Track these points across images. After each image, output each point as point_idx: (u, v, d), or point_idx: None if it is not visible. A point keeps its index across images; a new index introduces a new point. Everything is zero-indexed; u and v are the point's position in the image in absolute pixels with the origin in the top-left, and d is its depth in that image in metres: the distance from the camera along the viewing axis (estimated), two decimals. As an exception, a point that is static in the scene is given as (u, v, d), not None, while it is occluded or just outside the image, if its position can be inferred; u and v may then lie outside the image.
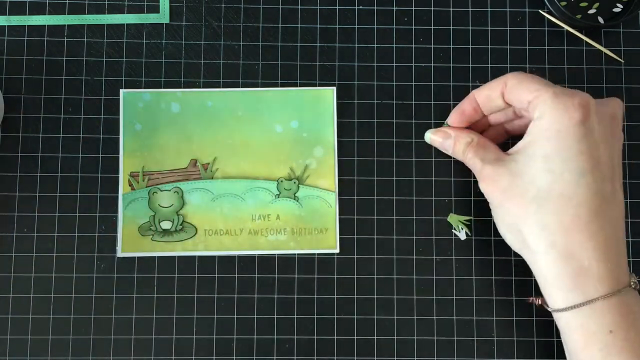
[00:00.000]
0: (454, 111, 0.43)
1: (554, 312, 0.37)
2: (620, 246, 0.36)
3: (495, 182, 0.38)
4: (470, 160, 0.41)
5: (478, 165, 0.40)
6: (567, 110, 0.36)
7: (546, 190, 0.36)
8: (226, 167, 0.44)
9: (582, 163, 0.36)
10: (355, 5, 0.46)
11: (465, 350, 0.43)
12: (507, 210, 0.38)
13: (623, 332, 0.34)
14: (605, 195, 0.36)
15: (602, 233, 0.36)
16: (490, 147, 0.40)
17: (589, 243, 0.35)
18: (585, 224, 0.35)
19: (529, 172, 0.37)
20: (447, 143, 0.42)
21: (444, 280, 0.44)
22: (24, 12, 0.45)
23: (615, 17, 0.46)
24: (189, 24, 0.46)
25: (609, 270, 0.35)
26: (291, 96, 0.45)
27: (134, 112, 0.44)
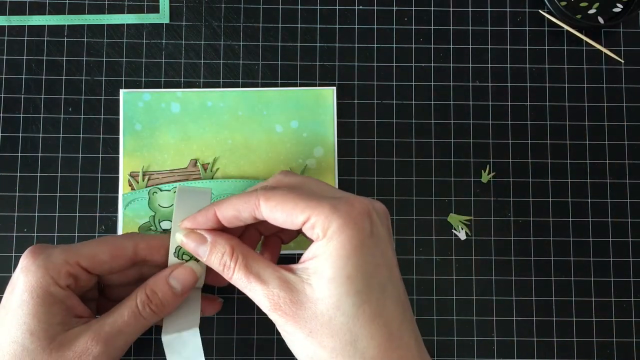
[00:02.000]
0: (188, 220, 0.35)
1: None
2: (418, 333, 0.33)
3: (293, 313, 0.31)
4: (241, 281, 0.32)
5: (258, 290, 0.32)
6: (357, 224, 0.31)
7: (355, 315, 0.30)
8: (226, 167, 0.44)
9: (383, 275, 0.31)
10: (355, 5, 0.46)
11: (465, 350, 0.43)
12: (307, 342, 0.31)
13: None
14: (403, 296, 0.32)
15: (414, 334, 0.32)
16: (261, 260, 0.33)
17: (408, 353, 0.31)
18: (399, 337, 0.31)
19: (331, 297, 0.30)
20: (202, 250, 0.34)
21: (444, 280, 0.44)
22: (24, 12, 0.45)
23: (615, 17, 0.46)
24: (189, 24, 0.46)
25: None
26: (291, 96, 0.45)
27: (134, 112, 0.44)
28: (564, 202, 0.44)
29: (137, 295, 0.35)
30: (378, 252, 0.32)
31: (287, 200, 0.32)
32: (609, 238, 0.44)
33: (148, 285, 0.35)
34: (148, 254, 0.36)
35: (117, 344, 0.34)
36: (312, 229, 0.31)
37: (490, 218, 0.44)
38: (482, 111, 0.45)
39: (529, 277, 0.44)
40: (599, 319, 0.43)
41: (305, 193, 0.33)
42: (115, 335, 0.34)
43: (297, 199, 0.32)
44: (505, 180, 0.45)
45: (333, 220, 0.31)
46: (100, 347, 0.33)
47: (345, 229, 0.31)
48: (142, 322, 0.35)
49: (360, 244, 0.31)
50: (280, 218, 0.32)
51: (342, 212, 0.31)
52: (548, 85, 0.45)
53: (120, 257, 0.35)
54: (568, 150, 0.45)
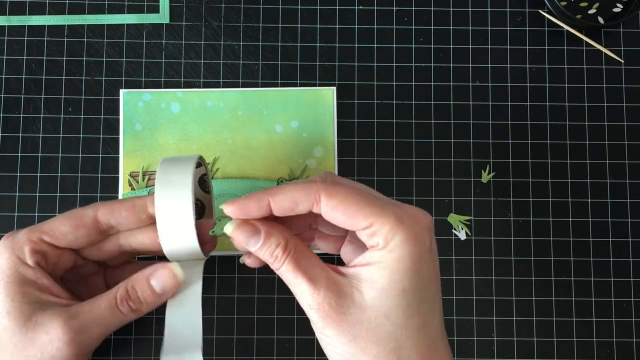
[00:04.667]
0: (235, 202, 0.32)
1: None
2: None
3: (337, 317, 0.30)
4: (289, 274, 0.31)
5: (304, 287, 0.31)
6: (419, 239, 0.30)
7: (402, 325, 0.30)
8: (226, 167, 0.44)
9: (433, 289, 0.32)
10: (355, 5, 0.46)
11: (465, 350, 0.43)
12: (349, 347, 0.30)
13: None
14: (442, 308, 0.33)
15: (448, 346, 0.33)
16: (312, 257, 0.32)
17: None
18: (438, 349, 0.32)
19: (381, 306, 0.30)
20: (253, 241, 0.32)
21: (444, 280, 0.44)
22: (24, 12, 0.45)
23: (615, 17, 0.46)
24: (189, 24, 0.46)
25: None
26: (291, 96, 0.45)
27: (134, 112, 0.44)
28: (564, 202, 0.44)
29: (118, 289, 0.34)
30: (432, 266, 0.32)
31: (350, 201, 0.31)
32: (609, 238, 0.44)
33: (130, 281, 0.35)
34: (111, 218, 0.35)
35: (91, 334, 0.34)
36: (372, 236, 0.31)
37: (490, 218, 0.44)
38: (482, 111, 0.45)
39: (529, 277, 0.44)
40: (599, 319, 0.43)
41: (368, 197, 0.31)
42: (89, 325, 0.33)
43: (362, 202, 0.31)
44: (505, 180, 0.45)
45: (397, 232, 0.30)
46: (71, 334, 0.33)
47: (408, 244, 0.30)
48: (119, 316, 0.34)
49: (419, 260, 0.30)
50: (340, 218, 0.31)
51: (407, 225, 0.30)
52: (548, 85, 0.45)
53: (81, 225, 0.35)
54: (568, 150, 0.45)
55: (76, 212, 0.36)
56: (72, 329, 0.33)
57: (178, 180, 0.34)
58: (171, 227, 0.34)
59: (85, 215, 0.35)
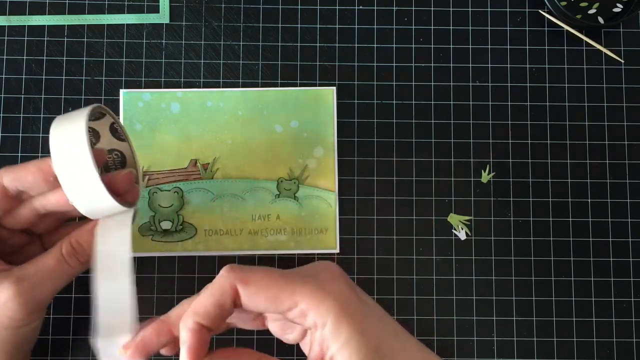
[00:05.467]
0: (186, 352, 0.29)
1: None
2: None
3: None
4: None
5: None
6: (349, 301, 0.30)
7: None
8: (226, 167, 0.44)
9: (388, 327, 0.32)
10: (355, 5, 0.46)
11: (465, 350, 0.43)
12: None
13: None
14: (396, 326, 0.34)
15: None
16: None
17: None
18: None
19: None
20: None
21: (444, 280, 0.44)
22: (24, 12, 0.45)
23: (615, 17, 0.46)
24: (189, 24, 0.46)
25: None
26: (291, 96, 0.45)
27: (134, 112, 0.44)
28: (564, 202, 0.44)
29: (62, 245, 0.34)
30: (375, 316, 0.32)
31: (269, 283, 0.30)
32: (609, 238, 0.44)
33: (72, 235, 0.35)
34: (18, 184, 0.34)
35: (43, 291, 0.34)
36: (304, 316, 0.30)
37: (490, 218, 0.44)
38: (482, 111, 0.45)
39: (529, 277, 0.44)
40: (599, 319, 0.43)
41: (282, 274, 0.30)
42: (40, 282, 0.33)
43: (280, 281, 0.30)
44: (505, 180, 0.45)
45: (329, 308, 0.29)
46: (24, 295, 0.33)
47: (346, 317, 0.29)
48: (68, 269, 0.34)
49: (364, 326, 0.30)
50: (262, 305, 0.30)
51: (332, 296, 0.30)
52: (548, 85, 0.45)
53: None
54: (568, 150, 0.45)
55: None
56: (24, 288, 0.33)
57: (72, 131, 0.32)
58: (75, 183, 0.32)
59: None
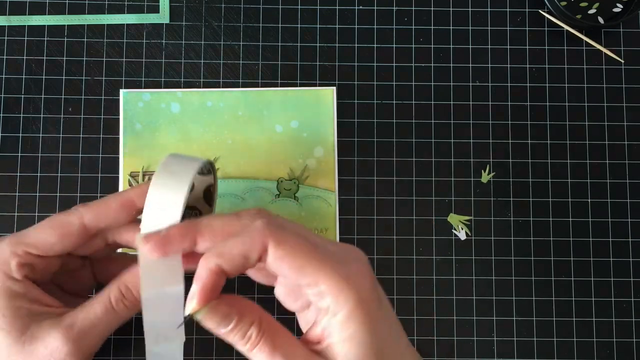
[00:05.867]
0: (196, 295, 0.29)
1: None
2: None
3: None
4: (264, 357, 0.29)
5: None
6: (370, 305, 0.29)
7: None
8: (226, 167, 0.44)
9: (394, 333, 0.32)
10: (355, 5, 0.46)
11: (465, 350, 0.43)
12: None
13: None
14: (405, 339, 0.33)
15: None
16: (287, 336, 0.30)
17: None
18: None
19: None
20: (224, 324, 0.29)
21: (444, 280, 0.44)
22: (24, 12, 0.45)
23: (615, 17, 0.46)
24: (189, 24, 0.46)
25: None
26: (291, 96, 0.45)
27: (134, 112, 0.44)
28: (564, 202, 0.44)
29: (111, 290, 0.34)
30: (387, 320, 0.31)
31: (298, 253, 0.29)
32: (609, 238, 0.44)
33: (122, 280, 0.34)
34: (99, 222, 0.34)
35: (90, 340, 0.33)
36: (320, 296, 0.29)
37: (490, 218, 0.44)
38: (482, 111, 0.45)
39: (529, 277, 0.44)
40: (599, 319, 0.43)
41: (316, 248, 0.29)
42: (87, 332, 0.33)
43: (310, 254, 0.29)
44: (505, 180, 0.45)
45: (347, 300, 0.29)
46: (72, 345, 0.32)
47: (359, 313, 0.29)
48: (115, 317, 0.34)
49: (373, 319, 0.29)
50: (285, 271, 0.29)
51: (353, 288, 0.29)
52: (548, 85, 0.45)
53: (68, 234, 0.34)
54: (568, 150, 0.45)
55: (60, 220, 0.34)
56: (71, 339, 0.32)
57: (179, 172, 0.32)
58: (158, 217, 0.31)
59: (70, 224, 0.34)
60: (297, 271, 0.29)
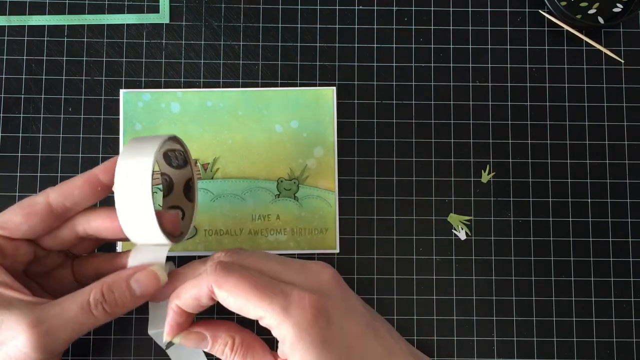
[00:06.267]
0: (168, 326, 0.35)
1: None
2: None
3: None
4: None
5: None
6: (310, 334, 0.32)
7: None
8: (226, 167, 0.44)
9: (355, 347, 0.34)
10: (355, 5, 0.46)
11: (465, 350, 0.43)
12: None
13: None
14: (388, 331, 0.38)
15: None
16: (257, 346, 0.35)
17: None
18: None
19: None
20: (203, 345, 0.35)
21: (444, 280, 0.44)
22: (24, 12, 0.45)
23: (615, 17, 0.46)
24: (189, 24, 0.46)
25: None
26: (291, 96, 0.45)
27: (134, 112, 0.44)
28: (564, 202, 0.44)
29: (92, 291, 0.32)
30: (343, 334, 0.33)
31: (240, 292, 0.32)
32: (609, 238, 0.44)
33: (106, 282, 0.33)
34: (64, 200, 0.34)
35: (59, 338, 0.31)
36: (269, 327, 0.33)
37: (490, 218, 0.44)
38: (482, 111, 0.45)
39: (529, 277, 0.44)
40: (599, 319, 0.43)
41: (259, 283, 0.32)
42: (58, 329, 0.31)
43: (251, 292, 0.32)
44: (505, 180, 0.45)
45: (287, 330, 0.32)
46: (39, 339, 0.31)
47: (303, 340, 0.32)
48: (91, 319, 0.32)
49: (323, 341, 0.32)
50: (235, 307, 0.33)
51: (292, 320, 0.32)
52: (548, 85, 0.45)
53: (34, 213, 0.34)
54: (568, 150, 0.45)
55: (27, 200, 0.34)
56: (39, 334, 0.31)
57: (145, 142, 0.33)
58: (129, 212, 0.33)
59: (36, 203, 0.34)
60: (241, 308, 0.33)
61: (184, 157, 0.39)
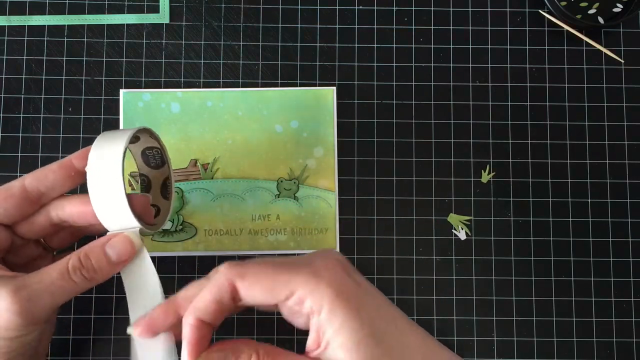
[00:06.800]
0: (187, 349, 0.31)
1: None
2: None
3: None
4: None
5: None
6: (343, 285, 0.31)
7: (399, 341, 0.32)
8: (226, 167, 0.44)
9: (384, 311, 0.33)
10: (355, 5, 0.46)
11: (465, 350, 0.43)
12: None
13: None
14: (398, 313, 0.34)
15: (442, 349, 0.34)
16: (282, 352, 0.32)
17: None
18: (432, 349, 0.34)
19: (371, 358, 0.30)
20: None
21: (444, 280, 0.44)
22: (24, 12, 0.45)
23: (615, 17, 0.46)
24: (189, 24, 0.46)
25: None
26: (291, 96, 0.45)
27: (134, 112, 0.44)
28: (564, 202, 0.44)
29: (70, 258, 0.34)
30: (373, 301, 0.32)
31: (263, 275, 0.31)
32: (609, 238, 0.44)
33: (83, 250, 0.34)
34: (39, 184, 0.35)
35: (42, 303, 0.32)
36: (301, 303, 0.31)
37: (490, 218, 0.44)
38: (482, 111, 0.45)
39: (529, 277, 0.44)
40: (599, 319, 0.43)
41: (277, 264, 0.31)
42: (39, 294, 0.32)
43: (275, 271, 0.31)
44: (505, 180, 0.45)
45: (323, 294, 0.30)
46: (20, 305, 0.31)
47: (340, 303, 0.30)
48: (71, 285, 0.33)
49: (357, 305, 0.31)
50: (260, 296, 0.31)
51: (326, 283, 0.31)
52: (548, 85, 0.45)
53: (9, 197, 0.34)
54: (568, 150, 0.45)
55: (4, 185, 0.35)
56: (21, 298, 0.32)
57: (111, 147, 0.34)
58: (102, 197, 0.33)
59: (12, 187, 0.35)
60: (270, 291, 0.31)
61: (162, 156, 0.40)
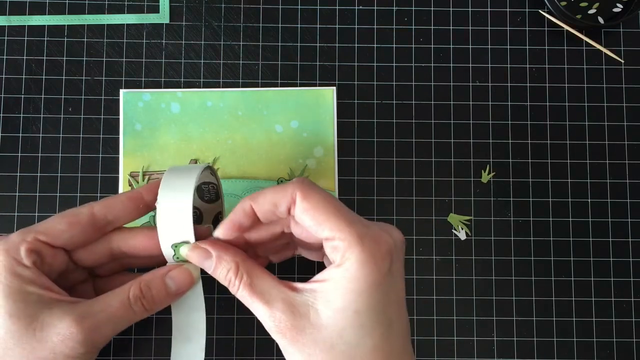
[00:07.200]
0: (224, 223, 0.34)
1: None
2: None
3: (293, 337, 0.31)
4: (246, 299, 0.32)
5: (261, 310, 0.32)
6: (377, 264, 0.31)
7: (355, 345, 0.31)
8: (226, 167, 0.44)
9: (392, 311, 0.32)
10: (355, 5, 0.46)
11: (465, 350, 0.43)
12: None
13: None
14: (406, 329, 0.33)
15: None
16: (266, 278, 0.32)
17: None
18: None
19: (335, 325, 0.30)
20: (207, 264, 0.34)
21: (444, 280, 0.44)
22: (24, 12, 0.45)
23: (615, 17, 0.46)
24: (189, 24, 0.46)
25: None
26: (291, 96, 0.45)
27: (134, 112, 0.44)
28: (564, 202, 0.44)
29: (131, 287, 0.34)
30: (392, 290, 0.32)
31: (322, 208, 0.32)
32: (609, 238, 0.44)
33: (143, 279, 0.34)
34: (107, 212, 0.35)
35: (103, 332, 0.33)
36: (333, 250, 0.31)
37: (490, 218, 0.44)
38: (482, 111, 0.45)
39: (529, 277, 0.44)
40: (599, 319, 0.43)
41: (340, 209, 0.32)
42: (101, 323, 0.33)
43: (332, 212, 0.31)
44: (505, 180, 0.45)
45: (354, 253, 0.30)
46: (85, 334, 0.32)
47: (364, 267, 0.30)
48: (130, 315, 0.34)
49: (375, 284, 0.31)
50: (307, 223, 0.32)
51: (366, 247, 0.31)
52: (548, 85, 0.45)
53: (77, 223, 0.35)
54: (568, 150, 0.45)
55: (71, 210, 0.35)
56: (85, 328, 0.32)
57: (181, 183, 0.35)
58: (171, 223, 0.34)
59: (80, 213, 0.35)
60: (318, 225, 0.31)
61: (217, 192, 0.40)
